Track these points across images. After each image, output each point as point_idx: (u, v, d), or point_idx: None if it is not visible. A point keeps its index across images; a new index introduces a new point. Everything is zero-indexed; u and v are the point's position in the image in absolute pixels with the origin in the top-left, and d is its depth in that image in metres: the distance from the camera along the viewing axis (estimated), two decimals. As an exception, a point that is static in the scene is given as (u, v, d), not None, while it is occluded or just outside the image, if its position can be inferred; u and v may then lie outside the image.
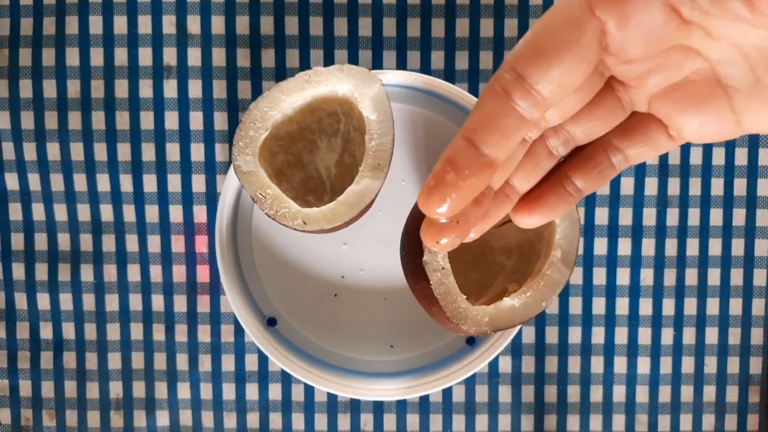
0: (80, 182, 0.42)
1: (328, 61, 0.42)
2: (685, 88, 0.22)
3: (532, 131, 0.23)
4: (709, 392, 0.43)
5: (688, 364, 0.43)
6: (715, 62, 0.21)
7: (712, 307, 0.43)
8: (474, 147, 0.20)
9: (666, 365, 0.43)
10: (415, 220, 0.34)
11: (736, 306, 0.43)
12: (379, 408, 0.43)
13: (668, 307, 0.43)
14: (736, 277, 0.43)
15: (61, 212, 0.43)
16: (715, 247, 0.43)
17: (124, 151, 0.42)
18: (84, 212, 0.43)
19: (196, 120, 0.42)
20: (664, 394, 0.43)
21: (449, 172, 0.20)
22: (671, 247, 0.43)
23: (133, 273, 0.43)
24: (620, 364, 0.43)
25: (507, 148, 0.20)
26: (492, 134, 0.20)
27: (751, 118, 0.21)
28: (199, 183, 0.42)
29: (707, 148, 0.42)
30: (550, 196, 0.25)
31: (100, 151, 0.42)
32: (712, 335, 0.43)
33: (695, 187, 0.42)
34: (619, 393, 0.43)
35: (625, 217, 0.43)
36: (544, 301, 0.33)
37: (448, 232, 0.22)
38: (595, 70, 0.22)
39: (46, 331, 0.43)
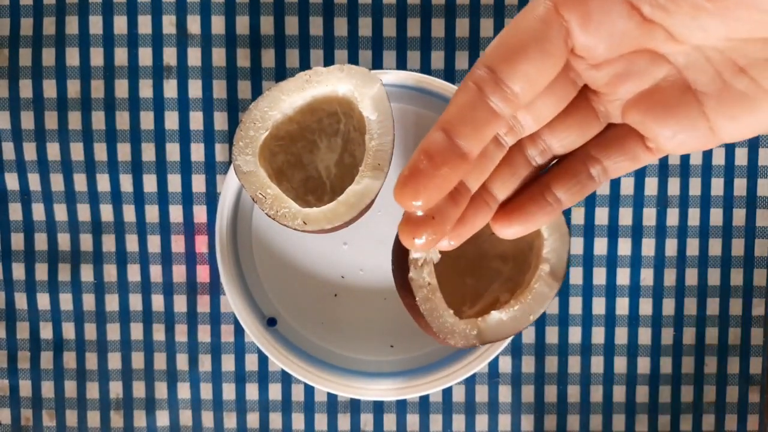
0: (80, 182, 0.42)
1: (328, 61, 0.42)
2: (655, 94, 0.22)
3: (504, 130, 0.23)
4: (709, 392, 0.43)
5: (688, 364, 0.43)
6: (683, 68, 0.21)
7: (712, 307, 0.43)
8: (448, 138, 0.21)
9: (666, 365, 0.43)
10: None
11: (736, 306, 0.43)
12: (379, 408, 0.43)
13: (668, 307, 0.43)
14: (736, 277, 0.43)
15: (61, 212, 0.43)
16: (715, 247, 0.43)
17: (124, 151, 0.42)
18: (84, 212, 0.43)
19: (196, 120, 0.42)
20: (664, 394, 0.43)
21: (423, 161, 0.21)
22: (671, 247, 0.43)
23: (133, 273, 0.43)
24: (620, 364, 0.43)
25: (479, 140, 0.21)
26: (464, 126, 0.21)
27: (724, 125, 0.22)
28: (199, 183, 0.42)
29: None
30: (530, 205, 0.25)
31: (100, 151, 0.42)
32: (712, 335, 0.43)
33: (695, 187, 0.42)
34: (619, 393, 0.43)
35: (625, 217, 0.43)
36: (532, 314, 0.33)
37: (424, 228, 0.22)
38: (566, 77, 0.22)
39: (46, 331, 0.43)
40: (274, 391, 0.43)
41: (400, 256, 0.33)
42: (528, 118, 0.23)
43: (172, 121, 0.42)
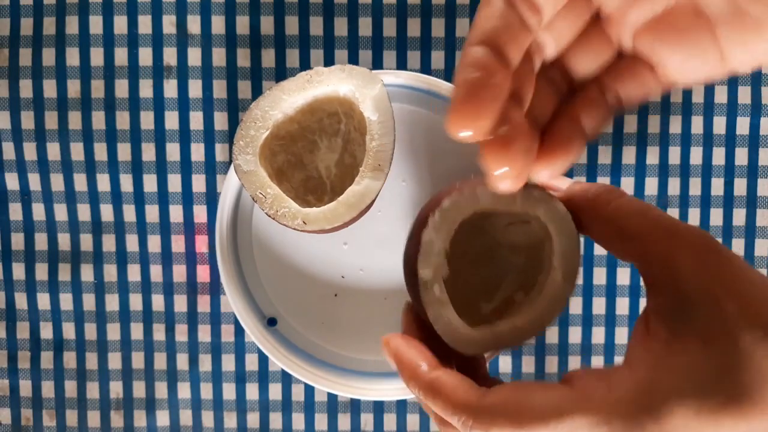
0: (80, 182, 0.42)
1: (329, 61, 0.42)
2: (667, 20, 0.23)
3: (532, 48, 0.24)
4: (709, 392, 0.43)
5: (688, 364, 0.43)
6: None
7: (712, 307, 0.43)
8: (489, 49, 0.21)
9: (666, 365, 0.43)
10: (412, 246, 0.34)
11: (736, 306, 0.43)
12: (379, 408, 0.43)
13: (668, 307, 0.43)
14: (736, 277, 0.43)
15: (61, 212, 0.43)
16: (715, 247, 0.43)
17: (124, 151, 0.42)
18: (84, 212, 0.43)
19: (196, 120, 0.42)
20: (664, 394, 0.43)
21: (474, 73, 0.21)
22: (671, 247, 0.43)
23: (133, 273, 0.43)
24: (620, 364, 0.43)
25: (518, 46, 0.21)
26: (502, 34, 0.21)
27: (735, 51, 0.22)
28: (199, 183, 0.42)
29: (707, 149, 0.42)
30: (561, 131, 0.25)
31: (100, 151, 0.42)
32: (712, 335, 0.43)
33: (695, 187, 0.43)
34: (619, 393, 0.43)
35: (625, 217, 0.43)
36: (549, 318, 0.34)
37: (513, 154, 0.22)
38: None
39: (46, 331, 0.43)
40: (274, 391, 0.43)
41: (411, 272, 0.33)
42: (549, 39, 0.24)
43: (172, 121, 0.42)
